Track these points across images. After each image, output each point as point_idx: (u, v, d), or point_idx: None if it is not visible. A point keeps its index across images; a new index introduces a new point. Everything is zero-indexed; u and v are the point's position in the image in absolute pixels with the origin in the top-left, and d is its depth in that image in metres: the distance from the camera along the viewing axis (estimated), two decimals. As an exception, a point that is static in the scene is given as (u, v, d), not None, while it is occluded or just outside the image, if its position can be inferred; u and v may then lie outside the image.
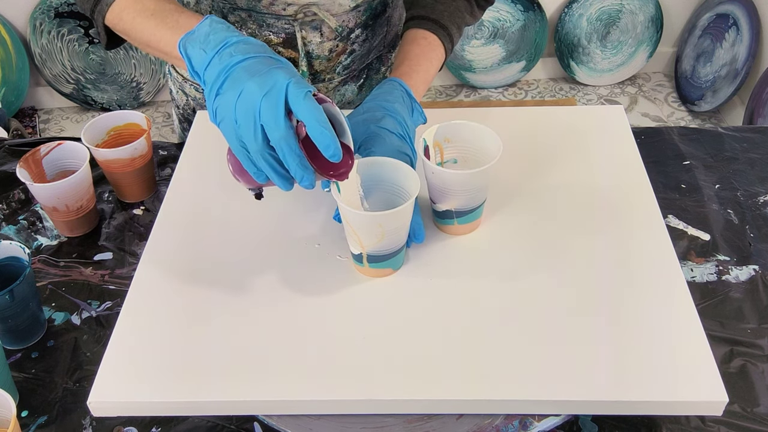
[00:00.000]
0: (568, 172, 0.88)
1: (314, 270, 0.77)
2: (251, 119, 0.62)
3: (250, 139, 0.62)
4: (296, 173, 0.63)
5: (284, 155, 0.62)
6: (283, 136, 0.61)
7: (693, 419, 0.70)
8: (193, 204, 0.85)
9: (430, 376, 0.66)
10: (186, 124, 1.12)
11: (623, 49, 2.73)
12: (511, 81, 2.79)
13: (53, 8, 2.49)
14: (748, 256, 0.86)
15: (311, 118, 0.61)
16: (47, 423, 0.71)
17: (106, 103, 2.69)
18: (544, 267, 0.76)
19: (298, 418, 0.68)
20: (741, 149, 1.02)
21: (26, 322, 0.76)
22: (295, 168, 0.62)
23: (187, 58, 0.68)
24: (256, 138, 0.62)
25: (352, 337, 0.70)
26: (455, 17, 0.92)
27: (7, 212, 0.94)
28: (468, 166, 0.81)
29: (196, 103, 1.08)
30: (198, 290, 0.75)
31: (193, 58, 0.68)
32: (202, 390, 0.66)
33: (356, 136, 0.77)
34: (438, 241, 0.80)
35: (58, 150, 0.90)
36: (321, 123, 0.61)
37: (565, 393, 0.65)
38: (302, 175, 0.63)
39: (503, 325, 0.70)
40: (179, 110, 1.12)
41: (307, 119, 0.61)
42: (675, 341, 0.68)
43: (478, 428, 0.67)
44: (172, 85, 1.12)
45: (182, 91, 1.09)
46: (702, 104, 2.58)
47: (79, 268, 0.86)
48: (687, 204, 0.93)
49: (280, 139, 0.61)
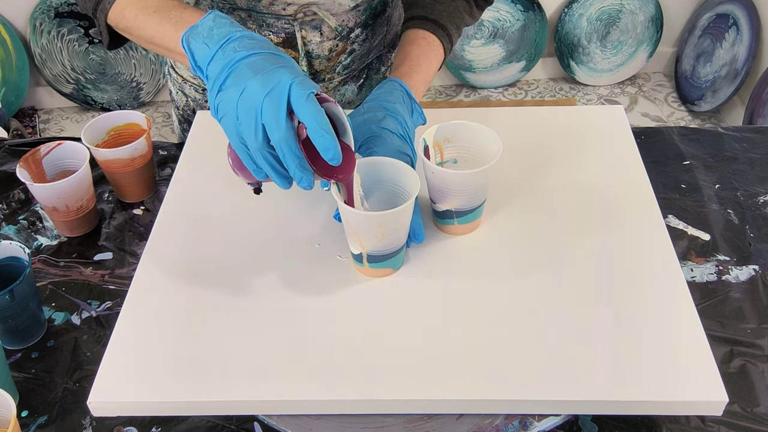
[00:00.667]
0: (568, 172, 0.88)
1: (314, 270, 0.77)
2: (252, 118, 0.62)
3: (251, 138, 0.62)
4: (295, 174, 0.63)
5: (284, 156, 0.62)
6: (284, 137, 0.61)
7: (693, 419, 0.70)
8: (193, 204, 0.85)
9: (430, 376, 0.66)
10: (186, 125, 1.12)
11: (623, 49, 2.73)
12: (511, 81, 2.79)
13: (53, 8, 2.49)
14: (748, 256, 0.86)
15: (312, 121, 0.61)
16: (47, 423, 0.71)
17: (106, 103, 2.69)
18: (544, 267, 0.76)
19: (298, 418, 0.68)
20: (741, 149, 1.02)
21: (26, 322, 0.76)
22: (294, 169, 0.63)
23: (190, 52, 0.68)
24: (256, 137, 0.62)
25: (352, 337, 0.70)
26: (454, 17, 0.92)
27: (7, 212, 0.94)
28: (468, 166, 0.81)
29: (196, 104, 1.08)
30: (198, 290, 0.75)
31: (195, 53, 0.68)
32: (202, 390, 0.66)
33: (357, 135, 0.77)
34: (438, 241, 0.80)
35: (58, 150, 0.90)
36: (322, 126, 0.61)
37: (565, 393, 0.65)
38: (301, 177, 0.63)
39: (503, 324, 0.70)
40: (179, 111, 1.12)
41: (308, 122, 0.61)
42: (675, 341, 0.68)
43: (478, 428, 0.67)
44: (171, 86, 1.12)
45: (182, 92, 1.09)
46: (702, 104, 2.58)
47: (79, 268, 0.86)
48: (687, 204, 0.93)
49: (280, 140, 0.61)
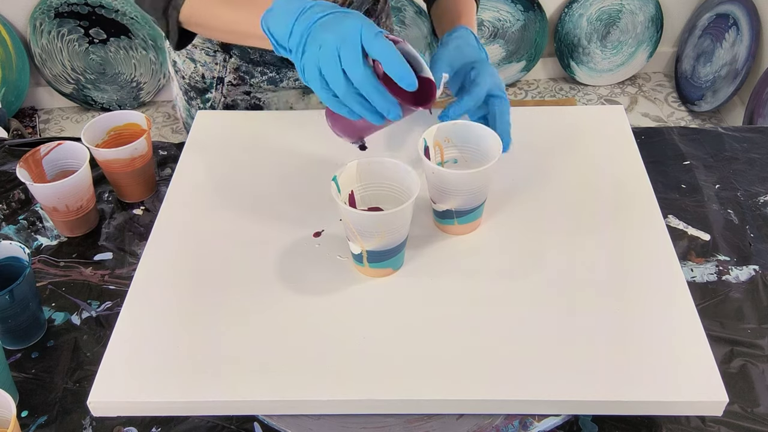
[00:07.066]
0: (568, 172, 0.88)
1: (314, 270, 0.77)
2: (334, 66, 0.67)
3: (336, 85, 0.68)
4: (382, 107, 0.68)
5: (368, 93, 0.67)
6: (363, 75, 0.67)
7: (693, 419, 0.70)
8: (193, 204, 0.85)
9: (430, 376, 0.66)
10: (193, 92, 1.10)
11: (623, 49, 2.73)
12: (511, 81, 2.79)
13: (53, 8, 2.49)
14: (748, 256, 0.86)
15: (383, 55, 0.66)
16: (47, 423, 0.71)
17: (106, 103, 2.69)
18: (544, 267, 0.76)
19: (298, 418, 0.68)
20: (741, 149, 1.02)
21: (26, 322, 0.76)
22: (379, 102, 0.68)
23: (270, 34, 0.74)
24: (340, 82, 0.68)
25: (352, 337, 0.70)
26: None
27: (7, 212, 0.94)
28: (468, 166, 0.81)
29: (205, 68, 1.07)
30: (198, 290, 0.75)
31: (275, 33, 0.73)
32: (202, 390, 0.66)
33: (454, 61, 0.86)
34: (438, 241, 0.80)
35: (58, 150, 0.90)
36: (393, 57, 0.66)
37: (565, 393, 0.65)
38: (388, 109, 0.68)
39: (503, 324, 0.70)
40: (185, 81, 1.10)
41: (380, 56, 0.66)
42: (675, 341, 0.68)
43: (478, 428, 0.67)
44: (176, 57, 1.10)
45: (190, 58, 1.07)
46: (702, 104, 2.58)
47: (79, 268, 0.86)
48: (687, 204, 0.93)
49: (361, 79, 0.67)
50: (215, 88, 1.08)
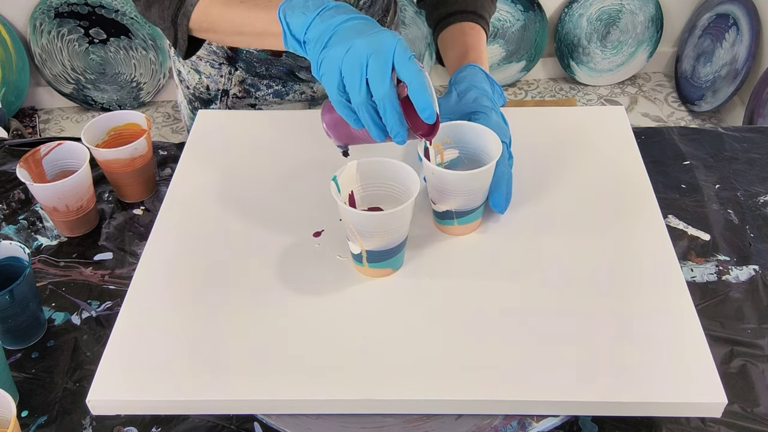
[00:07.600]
0: (568, 172, 0.88)
1: (314, 270, 0.77)
2: (357, 73, 0.67)
3: (355, 92, 0.67)
4: (393, 128, 0.68)
5: (385, 111, 0.67)
6: (387, 93, 0.66)
7: (693, 419, 0.70)
8: (193, 204, 0.85)
9: (429, 376, 0.66)
10: (197, 102, 1.11)
11: (623, 49, 2.73)
12: (511, 81, 2.79)
13: (53, 8, 2.49)
14: (748, 256, 0.86)
15: (415, 81, 0.67)
16: (47, 423, 0.71)
17: (106, 103, 2.69)
18: (544, 267, 0.76)
19: (298, 418, 0.68)
20: (741, 149, 1.02)
21: (26, 322, 0.76)
22: (393, 124, 0.68)
23: (286, 23, 0.73)
24: (360, 91, 0.67)
25: (351, 337, 0.70)
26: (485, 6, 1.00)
27: (7, 212, 0.94)
28: (468, 167, 0.81)
29: (210, 80, 1.07)
30: (197, 290, 0.75)
31: (291, 23, 0.72)
32: (201, 389, 0.66)
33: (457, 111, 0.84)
34: (438, 241, 0.80)
35: (58, 150, 0.90)
36: (423, 86, 0.67)
37: (564, 393, 0.65)
38: (398, 132, 0.69)
39: (503, 325, 0.70)
40: (189, 90, 1.11)
41: (411, 81, 0.67)
42: (674, 342, 0.68)
43: (477, 428, 0.67)
44: (181, 67, 1.10)
45: (195, 70, 1.08)
46: (702, 104, 2.58)
47: (79, 268, 0.86)
48: (687, 204, 0.93)
49: (384, 96, 0.66)
50: (220, 100, 1.08)
